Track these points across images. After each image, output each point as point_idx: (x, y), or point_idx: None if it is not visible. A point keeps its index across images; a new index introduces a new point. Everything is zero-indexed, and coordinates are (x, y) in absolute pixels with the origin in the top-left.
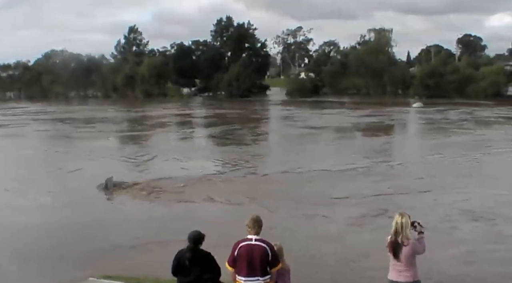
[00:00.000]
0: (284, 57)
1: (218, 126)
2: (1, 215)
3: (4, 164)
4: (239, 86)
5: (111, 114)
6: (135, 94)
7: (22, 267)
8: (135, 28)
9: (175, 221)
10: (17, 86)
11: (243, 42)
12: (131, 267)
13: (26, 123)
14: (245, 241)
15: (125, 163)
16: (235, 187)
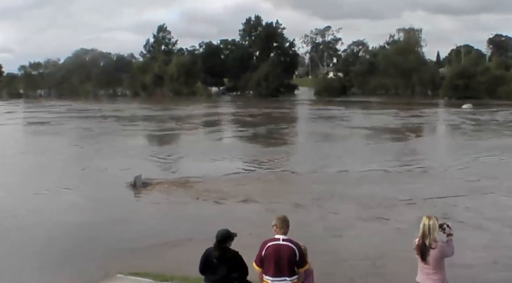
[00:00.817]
0: (313, 56)
1: (263, 126)
2: (32, 212)
3: (42, 161)
4: (267, 85)
5: (156, 113)
6: (164, 93)
7: (51, 263)
8: (164, 27)
9: (205, 219)
10: (47, 84)
11: (272, 42)
12: (159, 264)
13: (70, 120)
14: (273, 241)
15: (156, 161)
16: (274, 186)
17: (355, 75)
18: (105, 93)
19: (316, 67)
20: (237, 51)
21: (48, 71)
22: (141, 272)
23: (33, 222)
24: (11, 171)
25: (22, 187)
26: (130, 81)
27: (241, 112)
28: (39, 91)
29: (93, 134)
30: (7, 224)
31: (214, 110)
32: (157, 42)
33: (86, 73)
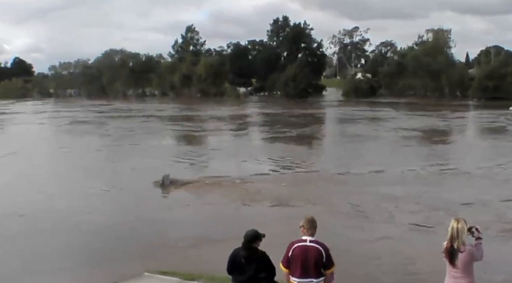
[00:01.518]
0: (340, 57)
1: (307, 127)
2: (63, 209)
3: (79, 159)
4: (295, 86)
5: (194, 113)
6: (191, 93)
7: (81, 261)
8: (192, 28)
9: (233, 219)
10: (76, 84)
11: (299, 42)
12: (186, 263)
13: (113, 120)
14: (300, 242)
15: (187, 160)
16: (311, 186)
17: (383, 76)
18: (133, 93)
19: (344, 68)
20: (264, 51)
21: (78, 71)
22: (169, 271)
23: (59, 221)
24: (48, 170)
25: (53, 185)
26: (159, 81)
27: (279, 113)
28: (69, 90)
29: (134, 134)
30: (38, 221)
31: (251, 110)
32: (185, 42)
33: (115, 73)
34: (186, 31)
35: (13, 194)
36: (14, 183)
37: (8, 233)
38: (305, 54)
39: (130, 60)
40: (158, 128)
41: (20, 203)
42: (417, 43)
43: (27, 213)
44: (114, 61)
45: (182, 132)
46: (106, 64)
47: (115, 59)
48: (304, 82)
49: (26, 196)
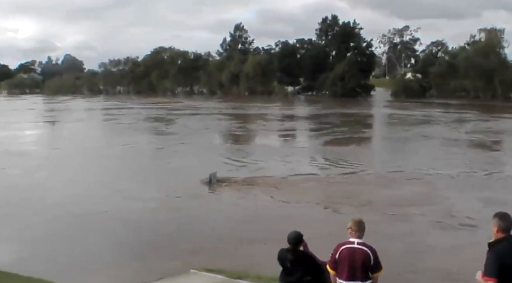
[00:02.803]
0: (390, 57)
1: (358, 127)
2: (111, 205)
3: (136, 156)
4: (343, 85)
5: (247, 111)
6: (239, 91)
7: (127, 256)
8: (241, 26)
9: (278, 218)
10: (126, 81)
11: (348, 41)
12: (232, 261)
13: (188, 118)
14: (347, 244)
15: (235, 159)
16: (360, 188)
17: (433, 77)
18: (182, 90)
19: (393, 68)
20: (313, 50)
21: (127, 69)
22: (215, 269)
23: (107, 217)
24: (104, 165)
25: (103, 181)
26: (207, 79)
27: (329, 113)
28: (118, 88)
29: (197, 131)
30: (90, 216)
31: (299, 110)
32: (233, 41)
33: (164, 71)
34: (235, 30)
35: (68, 190)
36: (71, 179)
37: (60, 227)
38: (354, 53)
39: (179, 58)
40: (216, 126)
41: (73, 197)
42: (469, 43)
43: (79, 208)
44: (163, 59)
45: (232, 131)
46: (155, 62)
47: (164, 57)
48: (352, 82)
49: (80, 191)
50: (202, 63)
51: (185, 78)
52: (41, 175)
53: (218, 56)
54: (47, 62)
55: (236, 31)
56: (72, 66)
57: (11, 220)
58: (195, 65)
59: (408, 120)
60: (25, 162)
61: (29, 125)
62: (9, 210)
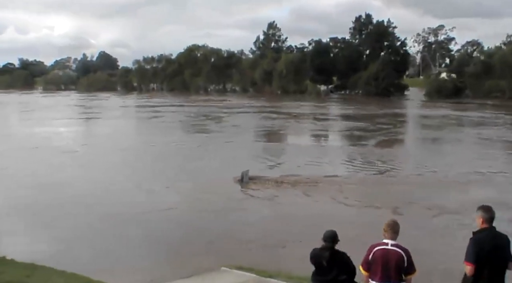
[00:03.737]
0: (424, 56)
1: (393, 128)
2: (144, 202)
3: (171, 154)
4: (377, 85)
5: (283, 109)
6: (272, 90)
7: (160, 253)
8: (274, 25)
9: (309, 217)
10: (159, 79)
11: (382, 40)
12: (263, 260)
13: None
14: (381, 245)
15: (268, 158)
16: (395, 189)
17: (468, 77)
18: (215, 88)
19: (428, 68)
20: (346, 49)
21: (161, 66)
22: (245, 267)
23: (140, 214)
24: (143, 162)
25: (140, 177)
26: (240, 77)
27: (363, 113)
28: (152, 85)
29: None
30: (125, 212)
31: (333, 109)
32: (266, 39)
33: (197, 69)
34: (268, 28)
35: (104, 187)
36: (108, 176)
37: (94, 223)
38: (388, 52)
39: (212, 56)
40: (254, 125)
41: (108, 193)
42: (505, 43)
43: (114, 205)
44: (196, 57)
45: (268, 130)
46: (188, 60)
47: (197, 55)
48: (386, 81)
49: (116, 187)
50: (235, 61)
51: (218, 76)
52: (77, 172)
53: (251, 55)
54: (82, 59)
55: (269, 29)
56: (106, 63)
57: (50, 216)
58: (228, 63)
59: (453, 121)
60: (75, 159)
61: (72, 122)
62: (53, 208)
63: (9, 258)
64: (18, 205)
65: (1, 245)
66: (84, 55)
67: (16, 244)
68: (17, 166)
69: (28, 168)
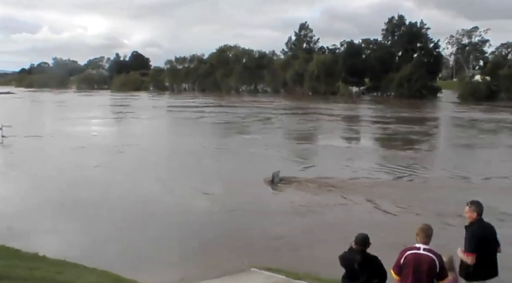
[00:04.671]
0: (458, 58)
1: (429, 131)
2: (178, 203)
3: (207, 155)
4: (410, 87)
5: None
6: (303, 91)
7: (191, 253)
8: (306, 25)
9: (340, 219)
10: (191, 79)
11: (415, 42)
12: (293, 261)
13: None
14: (412, 250)
15: (299, 159)
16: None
17: (503, 79)
18: (246, 89)
19: (461, 70)
20: (379, 51)
21: (193, 66)
22: (275, 268)
23: (170, 213)
24: (185, 164)
25: (175, 179)
26: (271, 78)
27: (396, 115)
28: (184, 85)
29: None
30: (156, 210)
31: (366, 111)
32: (298, 40)
33: (229, 69)
34: (300, 29)
35: (139, 186)
36: (144, 175)
37: (126, 221)
38: (421, 54)
39: (244, 56)
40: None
41: (143, 192)
42: None
43: (147, 204)
44: (228, 57)
45: (304, 131)
46: (220, 60)
47: (229, 55)
48: (419, 83)
49: (153, 188)
50: (267, 62)
51: (249, 77)
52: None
53: (282, 55)
54: (115, 59)
55: (301, 30)
56: (138, 63)
57: (86, 214)
58: (260, 63)
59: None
60: (118, 160)
61: (115, 122)
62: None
63: (41, 254)
64: (62, 203)
65: (35, 242)
66: (117, 55)
67: (50, 240)
68: (67, 166)
69: (76, 167)
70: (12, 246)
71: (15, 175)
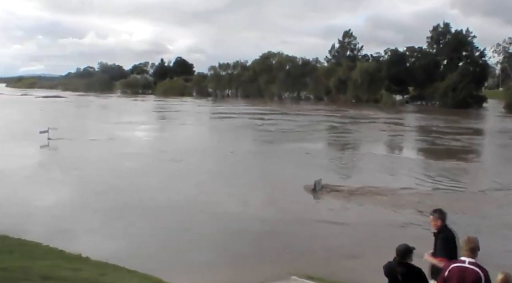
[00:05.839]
0: (504, 67)
1: (475, 142)
2: (219, 210)
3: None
4: (455, 96)
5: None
6: (346, 98)
7: (231, 260)
8: (350, 33)
9: (383, 229)
10: (234, 85)
11: (461, 50)
12: (334, 271)
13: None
14: (458, 263)
15: (342, 167)
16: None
17: None
18: (289, 96)
19: (508, 79)
20: (423, 59)
21: (236, 72)
22: (316, 276)
23: (214, 219)
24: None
25: (216, 186)
26: (314, 85)
27: (443, 125)
28: (227, 91)
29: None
30: (202, 216)
31: (411, 120)
32: (342, 47)
33: (272, 76)
34: (343, 36)
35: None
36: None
37: (167, 226)
38: (466, 63)
39: (287, 63)
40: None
41: (185, 198)
42: None
43: (184, 209)
44: (271, 64)
45: (345, 139)
46: (263, 67)
47: (272, 62)
48: (464, 93)
49: (195, 193)
50: (310, 69)
51: (292, 84)
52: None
53: (325, 63)
54: (160, 64)
55: (345, 37)
56: (182, 69)
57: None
58: (303, 71)
59: None
60: (172, 166)
61: (170, 127)
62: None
63: (84, 255)
64: (110, 206)
65: (79, 243)
66: (161, 61)
67: (94, 242)
68: (114, 168)
69: (124, 170)
70: (56, 246)
71: (58, 178)
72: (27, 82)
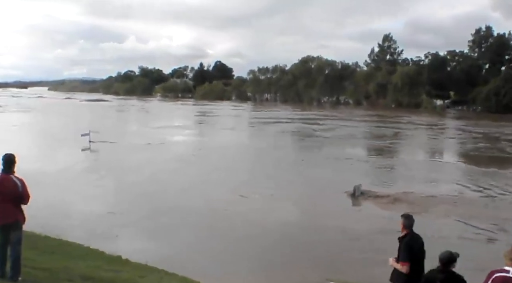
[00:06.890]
0: None
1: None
2: (257, 214)
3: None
4: (498, 101)
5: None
6: (386, 103)
7: (266, 264)
8: (390, 37)
9: (423, 237)
10: (273, 89)
11: (504, 54)
12: (371, 278)
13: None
14: (501, 272)
15: (383, 173)
16: None
17: None
18: (328, 100)
19: None
20: (464, 63)
21: (275, 77)
22: (352, 281)
23: (251, 224)
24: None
25: (253, 190)
26: (354, 89)
27: (489, 131)
28: (266, 95)
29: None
30: (240, 221)
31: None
32: (381, 51)
33: (311, 80)
34: (383, 40)
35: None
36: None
37: (206, 229)
38: (510, 66)
39: (326, 67)
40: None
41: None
42: None
43: (220, 213)
44: (310, 68)
45: (382, 145)
46: (302, 71)
47: (311, 66)
48: (508, 97)
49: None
50: (349, 73)
51: (331, 88)
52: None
53: (365, 67)
54: (199, 68)
55: (384, 41)
56: (222, 73)
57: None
58: (342, 75)
59: None
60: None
61: (216, 133)
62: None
63: (124, 257)
64: (150, 209)
65: (119, 244)
66: (201, 65)
67: (133, 244)
68: (155, 172)
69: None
70: (97, 247)
71: (97, 180)
72: (69, 86)
